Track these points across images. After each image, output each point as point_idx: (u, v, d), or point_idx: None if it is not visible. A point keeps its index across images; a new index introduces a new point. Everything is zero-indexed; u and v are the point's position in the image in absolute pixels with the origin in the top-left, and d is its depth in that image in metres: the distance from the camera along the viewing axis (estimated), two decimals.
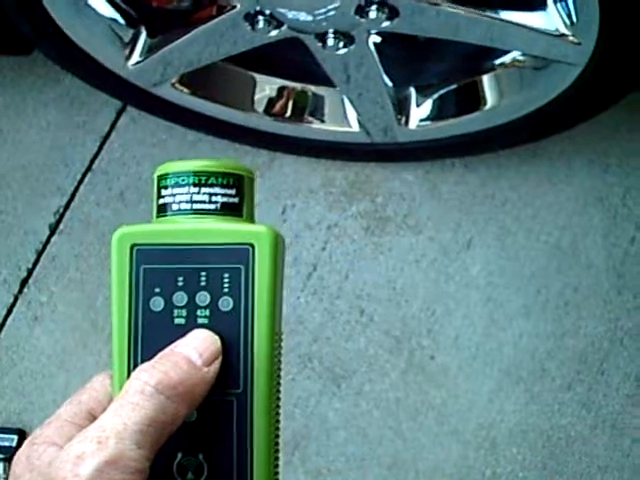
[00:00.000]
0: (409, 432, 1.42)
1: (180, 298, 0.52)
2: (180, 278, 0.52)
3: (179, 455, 0.51)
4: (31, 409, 1.48)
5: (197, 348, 0.50)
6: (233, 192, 0.54)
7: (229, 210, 0.54)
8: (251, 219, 0.55)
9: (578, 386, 1.42)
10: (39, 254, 1.55)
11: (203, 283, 0.52)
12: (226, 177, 0.54)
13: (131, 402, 0.47)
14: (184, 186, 0.53)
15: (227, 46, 1.29)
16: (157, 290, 0.52)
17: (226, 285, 0.52)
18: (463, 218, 1.51)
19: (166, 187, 0.54)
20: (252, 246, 0.52)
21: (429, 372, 1.44)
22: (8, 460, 1.44)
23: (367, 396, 1.44)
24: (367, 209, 1.53)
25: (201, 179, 0.53)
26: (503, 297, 1.46)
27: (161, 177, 0.54)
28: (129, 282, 0.52)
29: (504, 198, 1.51)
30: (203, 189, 0.53)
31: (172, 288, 0.52)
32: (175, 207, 0.53)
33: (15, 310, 1.52)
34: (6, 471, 1.44)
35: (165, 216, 0.54)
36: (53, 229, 1.56)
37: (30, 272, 1.54)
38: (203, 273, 0.52)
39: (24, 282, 1.54)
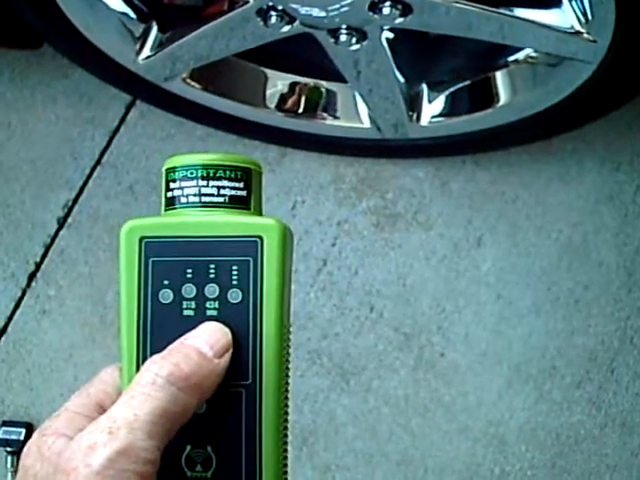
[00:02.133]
0: (418, 429, 1.41)
1: (189, 290, 0.52)
2: (189, 270, 0.52)
3: (188, 447, 0.52)
4: (39, 403, 1.47)
5: (208, 340, 0.50)
6: (241, 185, 0.54)
7: (237, 203, 0.54)
8: (259, 212, 0.55)
9: (588, 384, 1.41)
10: (47, 248, 1.54)
11: (212, 275, 0.52)
12: (234, 170, 0.54)
13: (142, 393, 0.47)
14: (192, 179, 0.54)
15: (239, 41, 1.28)
16: (166, 282, 0.52)
17: (235, 277, 0.52)
18: (474, 215, 1.50)
19: (174, 180, 0.54)
20: (261, 238, 0.52)
21: (438, 369, 1.44)
22: (16, 453, 1.44)
23: (376, 392, 1.43)
24: (377, 205, 1.53)
25: (209, 172, 0.54)
26: (513, 294, 1.46)
27: (169, 170, 0.55)
28: (138, 274, 0.52)
29: (515, 195, 1.51)
30: (211, 182, 0.54)
31: (181, 280, 0.52)
32: (184, 200, 0.54)
33: (23, 304, 1.52)
34: (14, 464, 1.44)
35: (174, 209, 0.54)
36: (61, 223, 1.55)
37: (38, 266, 1.54)
38: (212, 265, 0.52)
39: (32, 276, 1.53)
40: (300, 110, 1.45)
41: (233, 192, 0.54)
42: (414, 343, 1.45)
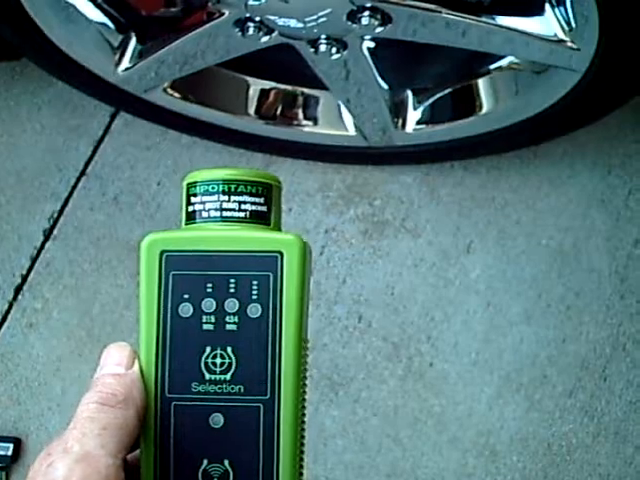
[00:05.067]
0: (408, 440, 1.40)
1: (209, 304, 0.53)
2: (209, 285, 0.53)
3: (204, 462, 0.52)
4: (27, 417, 1.46)
5: (113, 361, 0.53)
6: (262, 201, 0.55)
7: (257, 218, 0.55)
8: (278, 227, 0.56)
9: (580, 393, 1.39)
10: (33, 260, 1.53)
11: (232, 290, 0.53)
12: (255, 186, 0.55)
13: (84, 418, 0.50)
14: (214, 194, 0.54)
15: (218, 52, 1.26)
16: (186, 296, 0.53)
17: (255, 292, 0.53)
18: (462, 221, 1.48)
19: (195, 195, 0.55)
20: (281, 254, 0.53)
21: (428, 379, 1.42)
22: (4, 469, 1.43)
23: (365, 403, 1.42)
24: (365, 212, 1.51)
25: (231, 187, 0.54)
26: (503, 302, 1.44)
27: (190, 185, 0.55)
28: (158, 288, 0.53)
29: (504, 201, 1.48)
30: (232, 197, 0.54)
31: (201, 294, 0.53)
32: (204, 214, 0.55)
33: (10, 317, 1.51)
34: None
35: (194, 223, 0.55)
36: (47, 235, 1.54)
37: (24, 278, 1.52)
38: (232, 280, 0.53)
39: (18, 289, 1.52)
40: (283, 118, 1.43)
41: (254, 207, 0.54)
42: (403, 353, 1.43)
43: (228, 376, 0.53)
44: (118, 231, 1.52)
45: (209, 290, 0.53)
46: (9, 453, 1.43)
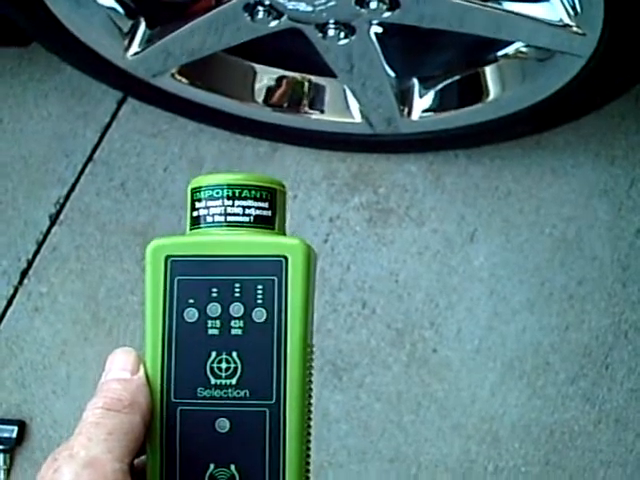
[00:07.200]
0: (411, 425, 1.41)
1: (214, 309, 0.53)
2: (214, 289, 0.53)
3: (211, 466, 0.52)
4: (31, 400, 1.47)
5: (119, 366, 0.53)
6: (266, 205, 0.55)
7: (262, 223, 0.55)
8: (283, 232, 0.56)
9: (582, 380, 1.40)
10: (39, 245, 1.54)
11: (237, 294, 0.53)
12: (259, 190, 0.55)
13: (89, 422, 0.50)
14: (218, 199, 0.55)
15: (227, 37, 1.27)
16: (191, 301, 0.53)
17: (260, 296, 0.53)
18: (467, 210, 1.49)
19: (200, 200, 0.55)
20: (285, 258, 0.53)
21: (431, 365, 1.43)
22: (9, 452, 1.44)
23: (368, 389, 1.43)
24: (370, 200, 1.52)
25: (235, 192, 0.54)
26: (507, 290, 1.45)
27: (195, 190, 0.56)
28: (163, 293, 0.53)
29: (508, 190, 1.50)
30: (237, 202, 0.54)
31: (206, 299, 0.53)
32: (209, 219, 0.55)
33: (15, 301, 1.52)
34: (7, 462, 1.44)
35: (199, 228, 0.55)
36: (53, 220, 1.55)
37: (30, 263, 1.53)
38: (237, 284, 0.53)
39: (24, 273, 1.53)
40: (289, 105, 1.44)
41: (258, 212, 0.55)
42: (407, 339, 1.44)
43: (234, 381, 0.53)
44: (124, 217, 1.53)
45: (214, 295, 0.53)
46: (14, 436, 1.44)
